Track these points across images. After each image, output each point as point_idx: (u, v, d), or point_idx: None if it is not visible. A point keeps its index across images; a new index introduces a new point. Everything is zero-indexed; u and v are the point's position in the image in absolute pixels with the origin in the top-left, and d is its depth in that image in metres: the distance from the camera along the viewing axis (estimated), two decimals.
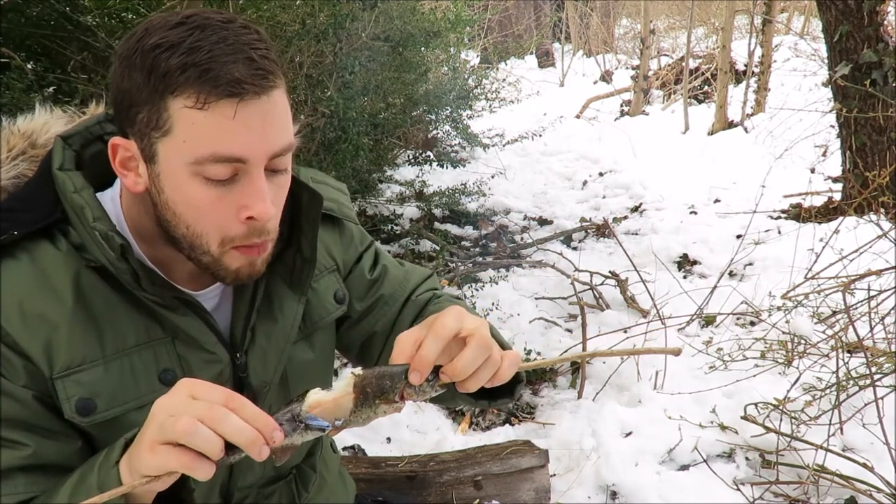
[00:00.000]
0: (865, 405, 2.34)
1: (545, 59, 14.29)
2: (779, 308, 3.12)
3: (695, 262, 4.20)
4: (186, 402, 0.68)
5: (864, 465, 2.09)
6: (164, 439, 0.66)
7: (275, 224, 0.84)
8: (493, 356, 0.80)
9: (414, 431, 2.62)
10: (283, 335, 0.97)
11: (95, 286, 0.83)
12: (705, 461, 2.30)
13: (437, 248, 4.42)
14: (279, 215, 0.85)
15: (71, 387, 0.81)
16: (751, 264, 3.93)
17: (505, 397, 0.96)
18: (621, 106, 9.90)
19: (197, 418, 0.66)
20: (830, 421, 2.26)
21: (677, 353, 0.83)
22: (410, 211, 5.16)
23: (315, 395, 0.72)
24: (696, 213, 5.05)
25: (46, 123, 0.95)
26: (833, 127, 4.90)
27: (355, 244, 1.10)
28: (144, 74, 0.75)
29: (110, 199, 0.88)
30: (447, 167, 5.19)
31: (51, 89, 2.66)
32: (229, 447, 0.68)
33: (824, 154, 5.68)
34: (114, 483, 0.70)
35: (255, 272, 0.86)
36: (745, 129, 7.13)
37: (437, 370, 0.77)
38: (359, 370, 0.75)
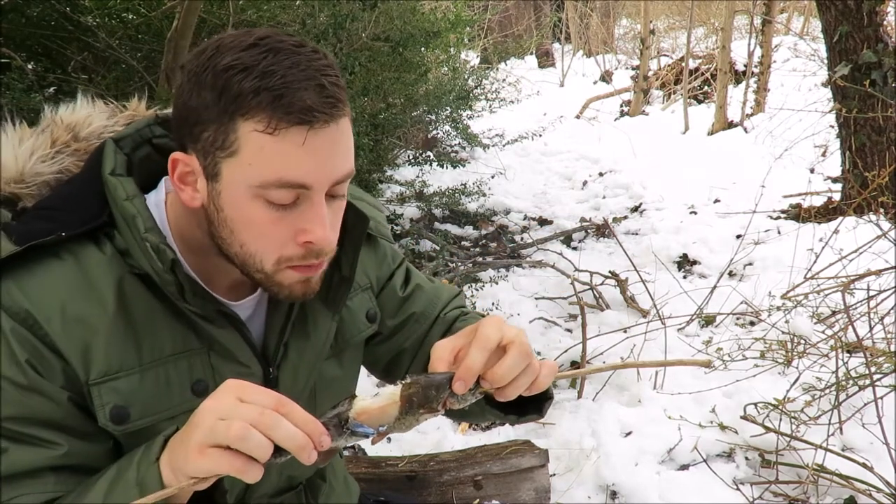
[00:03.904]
0: (865, 405, 2.34)
1: (545, 59, 14.30)
2: (778, 308, 3.12)
3: (695, 262, 4.21)
4: (236, 406, 0.67)
5: (864, 465, 2.09)
6: (214, 443, 0.66)
7: (333, 246, 0.84)
8: (533, 364, 0.80)
9: (414, 431, 2.62)
10: (314, 352, 0.97)
11: (138, 293, 0.83)
12: (705, 461, 2.30)
13: (437, 248, 4.42)
14: (336, 238, 0.85)
15: (107, 394, 0.81)
16: (751, 264, 3.93)
17: (533, 413, 0.96)
18: (621, 106, 9.91)
19: (249, 423, 0.65)
20: (830, 421, 2.27)
21: (708, 364, 0.87)
22: (410, 211, 5.17)
23: (362, 403, 0.73)
24: (696, 213, 5.05)
25: (89, 116, 0.94)
26: (833, 127, 4.91)
27: (388, 262, 1.10)
28: (215, 94, 0.74)
29: (154, 203, 0.87)
30: (447, 167, 5.20)
31: (51, 89, 2.67)
32: (277, 449, 0.68)
33: (824, 154, 5.69)
34: (154, 479, 0.70)
35: (310, 290, 0.85)
36: (745, 130, 7.13)
37: (477, 379, 0.78)
38: (407, 378, 0.76)
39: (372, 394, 0.75)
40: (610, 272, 3.83)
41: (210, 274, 0.88)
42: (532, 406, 0.94)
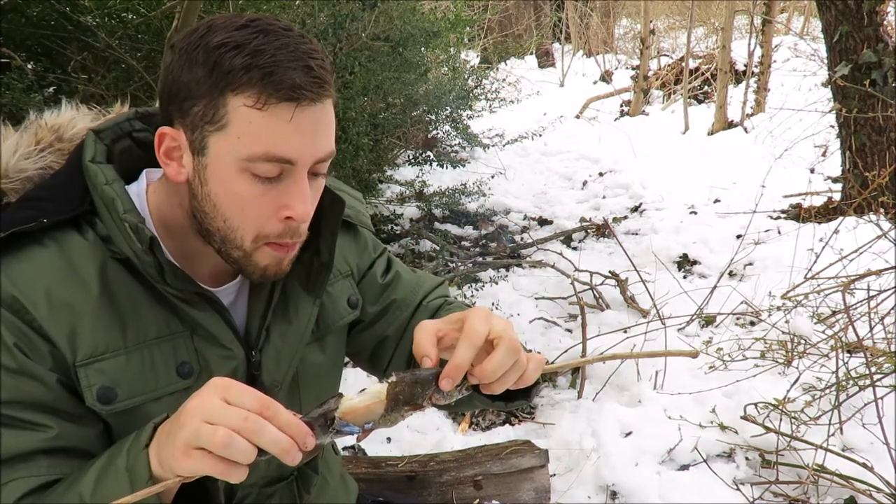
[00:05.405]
0: (865, 405, 2.34)
1: (545, 59, 14.28)
2: (779, 308, 3.12)
3: (695, 262, 4.21)
4: (222, 409, 0.68)
5: (864, 465, 2.09)
6: (198, 445, 0.67)
7: (306, 227, 0.86)
8: (521, 359, 0.81)
9: (414, 431, 2.62)
10: (296, 336, 0.98)
11: (120, 278, 0.85)
12: (705, 461, 2.30)
13: (437, 248, 4.42)
14: (310, 218, 0.87)
15: (93, 375, 0.82)
16: (751, 264, 3.93)
17: (521, 399, 0.96)
18: (621, 106, 9.90)
19: (234, 429, 0.66)
20: (830, 421, 2.26)
21: (695, 355, 0.89)
22: (410, 211, 5.16)
23: (348, 403, 0.73)
24: (696, 213, 5.05)
25: (73, 119, 0.97)
26: (833, 127, 4.90)
27: (369, 251, 1.12)
28: (206, 70, 0.77)
29: (136, 194, 0.89)
30: (447, 167, 5.19)
31: (51, 89, 2.67)
32: (261, 450, 0.69)
33: (824, 154, 5.69)
34: (143, 466, 0.71)
35: (281, 271, 0.88)
36: (745, 129, 7.13)
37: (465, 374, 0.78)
38: (392, 377, 0.76)
39: (358, 390, 0.76)
40: (610, 272, 3.83)
41: (191, 260, 0.89)
42: (520, 392, 0.94)
